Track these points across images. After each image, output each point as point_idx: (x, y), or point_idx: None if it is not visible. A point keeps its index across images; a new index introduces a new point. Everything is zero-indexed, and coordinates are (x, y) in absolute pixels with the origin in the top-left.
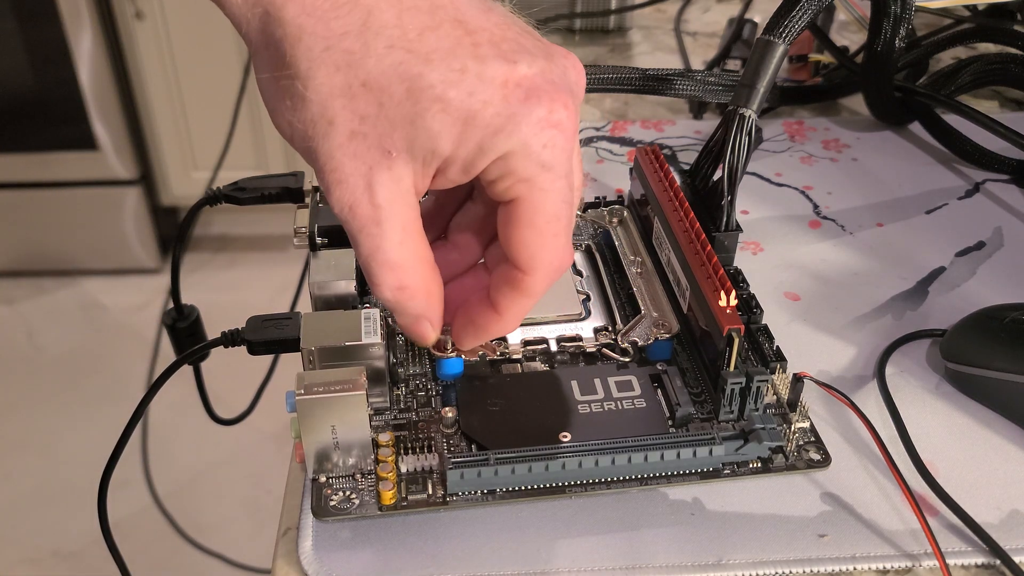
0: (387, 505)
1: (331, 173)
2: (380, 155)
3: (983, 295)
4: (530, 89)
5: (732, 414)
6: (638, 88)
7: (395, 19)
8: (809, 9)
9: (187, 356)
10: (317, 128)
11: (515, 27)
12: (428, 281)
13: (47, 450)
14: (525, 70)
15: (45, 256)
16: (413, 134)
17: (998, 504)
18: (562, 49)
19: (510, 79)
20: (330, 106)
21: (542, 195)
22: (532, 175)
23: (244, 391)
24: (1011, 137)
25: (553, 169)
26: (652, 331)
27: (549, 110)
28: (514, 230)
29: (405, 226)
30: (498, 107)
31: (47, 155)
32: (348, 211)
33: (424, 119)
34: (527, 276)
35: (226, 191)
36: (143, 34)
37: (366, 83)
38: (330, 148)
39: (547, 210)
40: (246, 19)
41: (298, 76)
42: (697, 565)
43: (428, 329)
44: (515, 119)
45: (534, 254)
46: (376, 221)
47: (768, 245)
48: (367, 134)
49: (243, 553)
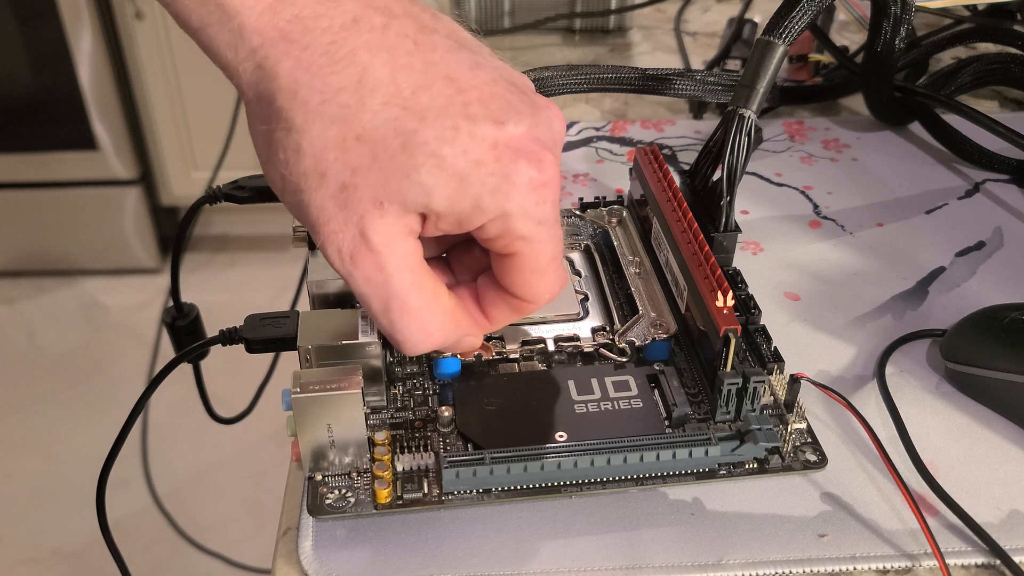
0: (383, 504)
1: (324, 225)
2: (372, 206)
3: (983, 295)
4: (519, 150)
5: (729, 415)
6: (638, 88)
7: (389, 76)
8: (809, 9)
9: (186, 354)
10: (309, 181)
11: (502, 82)
12: (452, 313)
13: (47, 450)
14: (512, 130)
15: (45, 256)
16: (407, 187)
17: (998, 504)
18: (544, 100)
19: (499, 140)
20: (323, 159)
21: (541, 247)
22: (530, 233)
23: (244, 391)
24: (1011, 137)
25: (546, 222)
26: (650, 331)
27: (539, 170)
28: (517, 276)
29: (413, 267)
30: (491, 167)
31: (47, 155)
32: (349, 261)
33: (419, 173)
34: (527, 305)
35: (226, 190)
36: (143, 34)
37: (360, 136)
38: (322, 200)
39: (546, 257)
40: (237, 72)
41: (293, 129)
42: (697, 565)
43: (471, 342)
44: (509, 179)
45: (535, 291)
46: (379, 267)
47: (768, 245)
48: (358, 185)
49: (243, 553)
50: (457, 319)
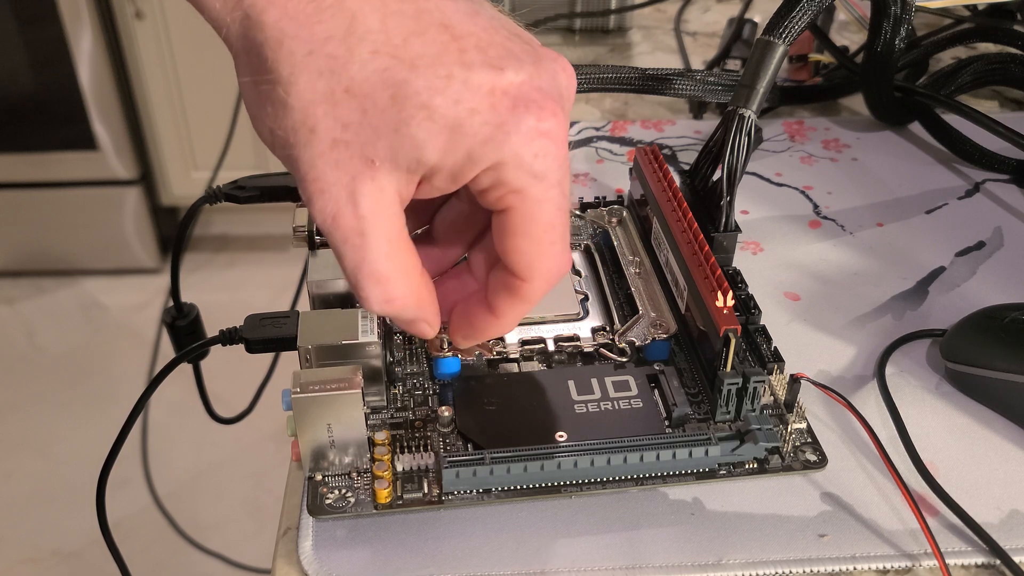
0: (382, 504)
1: (313, 183)
2: (363, 164)
3: (983, 295)
4: (517, 97)
5: (729, 415)
6: (638, 88)
7: (380, 24)
8: (809, 9)
9: (186, 353)
10: (298, 136)
11: (502, 31)
12: (417, 289)
13: (47, 450)
14: (512, 77)
15: (45, 256)
16: (398, 142)
17: (998, 504)
18: (551, 52)
19: (497, 87)
20: (312, 113)
21: (536, 205)
22: (524, 186)
23: (244, 391)
24: (1011, 137)
25: (545, 179)
26: (650, 331)
27: (538, 119)
28: (510, 240)
29: (390, 238)
30: (486, 116)
31: (47, 155)
32: (331, 222)
33: (409, 127)
34: (525, 284)
35: (226, 190)
36: (143, 34)
37: (349, 89)
38: (312, 157)
39: (542, 220)
40: (226, 23)
41: (279, 82)
42: (697, 565)
43: (426, 328)
44: (504, 128)
45: (531, 263)
46: (360, 232)
47: (768, 245)
48: (349, 142)
49: (243, 553)
50: (420, 298)
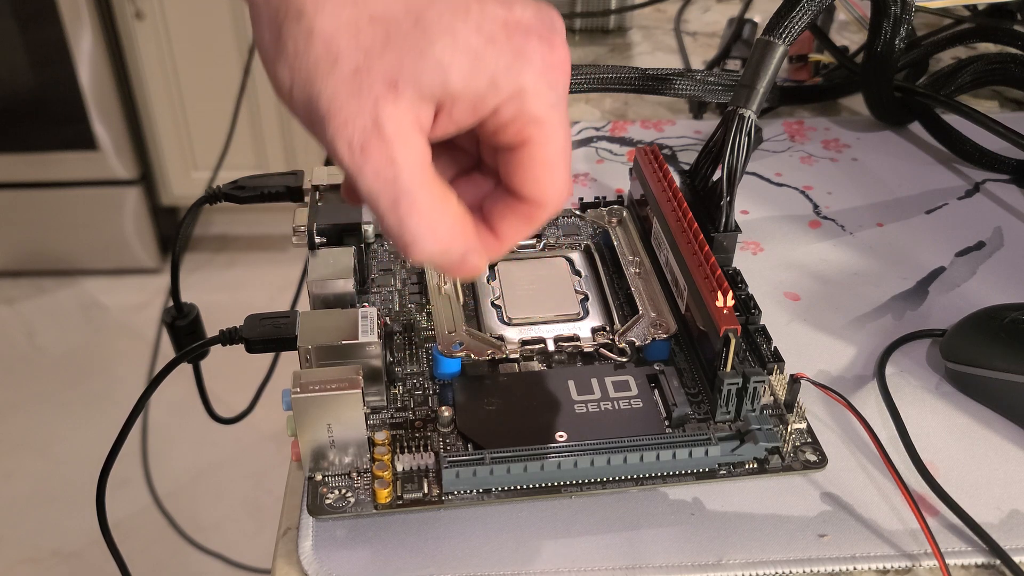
0: (382, 504)
1: (335, 116)
2: (386, 88)
3: (983, 295)
4: (528, 29)
5: (729, 415)
6: (638, 88)
7: None
8: (809, 10)
9: (186, 353)
10: (320, 67)
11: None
12: (463, 217)
13: (47, 450)
14: (520, 13)
15: (45, 256)
16: (423, 66)
17: (998, 504)
18: (545, 2)
19: (510, 19)
20: (335, 42)
21: (554, 133)
22: (544, 115)
23: (244, 391)
24: (1011, 137)
25: (558, 107)
26: (650, 331)
27: (550, 48)
28: (529, 171)
29: (423, 164)
30: (504, 44)
31: (47, 155)
32: (359, 153)
33: (434, 50)
34: (540, 210)
35: (226, 189)
36: (143, 34)
37: (373, 17)
38: (334, 87)
39: (559, 146)
40: None
41: (304, 15)
42: (697, 565)
43: (476, 260)
44: (523, 55)
45: (547, 189)
46: (390, 160)
47: (768, 245)
48: (372, 68)
49: (243, 553)
50: (465, 227)
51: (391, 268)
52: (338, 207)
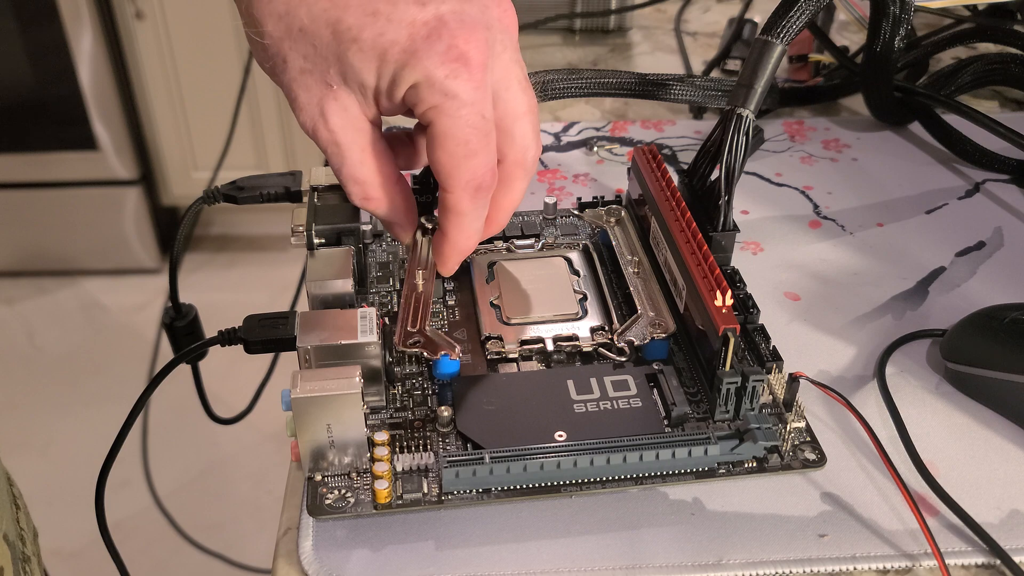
0: (382, 504)
1: (294, 102)
2: (324, 88)
3: (983, 295)
4: (434, 28)
5: (728, 414)
6: (638, 93)
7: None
8: (807, 9)
9: (185, 354)
10: (276, 66)
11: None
12: (391, 193)
13: (47, 450)
14: (433, 11)
15: (45, 256)
16: (343, 69)
17: (998, 504)
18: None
19: (417, 19)
20: (281, 48)
21: (450, 121)
22: (438, 103)
23: (244, 391)
24: (1011, 137)
25: (457, 97)
26: (648, 331)
27: (450, 45)
28: (432, 152)
29: (363, 147)
30: (403, 45)
31: (47, 155)
32: (312, 133)
33: (347, 57)
34: (447, 194)
35: (225, 190)
36: (143, 34)
37: (302, 28)
38: (288, 81)
39: (455, 135)
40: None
41: (256, 26)
42: (697, 565)
43: (400, 232)
44: (417, 55)
45: (449, 173)
46: (335, 143)
47: (768, 245)
48: (311, 70)
49: (243, 553)
50: (394, 202)
51: (390, 268)
52: (337, 208)
